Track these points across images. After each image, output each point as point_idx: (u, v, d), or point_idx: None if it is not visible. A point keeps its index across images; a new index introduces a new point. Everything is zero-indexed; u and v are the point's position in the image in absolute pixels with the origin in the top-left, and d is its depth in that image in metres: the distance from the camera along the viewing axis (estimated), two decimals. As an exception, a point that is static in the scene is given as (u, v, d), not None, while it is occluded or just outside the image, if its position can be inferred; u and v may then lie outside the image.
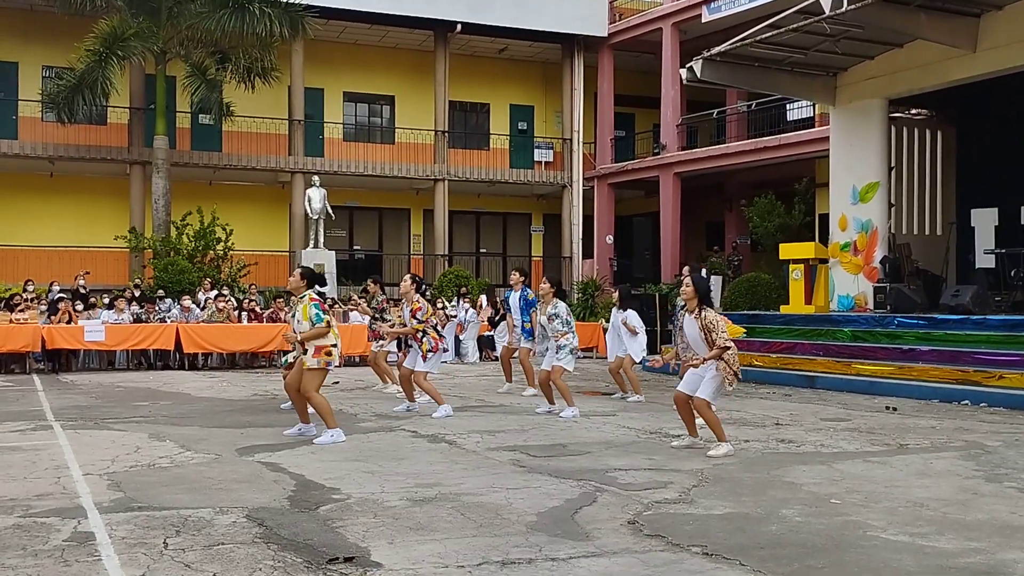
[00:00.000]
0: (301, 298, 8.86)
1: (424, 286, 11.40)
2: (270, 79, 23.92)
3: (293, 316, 9.03)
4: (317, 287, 9.00)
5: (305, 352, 8.73)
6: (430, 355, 10.64)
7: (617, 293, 13.01)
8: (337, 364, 8.96)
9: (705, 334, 7.97)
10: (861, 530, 5.36)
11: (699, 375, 8.07)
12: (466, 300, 22.03)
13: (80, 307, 18.54)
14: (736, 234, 27.66)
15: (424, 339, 10.61)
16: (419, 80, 28.29)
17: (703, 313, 8.03)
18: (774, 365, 15.67)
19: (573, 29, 27.94)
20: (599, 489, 6.46)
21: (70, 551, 4.84)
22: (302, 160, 26.25)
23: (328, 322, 8.70)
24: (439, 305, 19.76)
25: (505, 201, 30.71)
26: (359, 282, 25.08)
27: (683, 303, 8.32)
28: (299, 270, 9.20)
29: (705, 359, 7.94)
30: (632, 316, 12.56)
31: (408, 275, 11.22)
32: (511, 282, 13.62)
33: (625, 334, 12.59)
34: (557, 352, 10.85)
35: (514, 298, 13.43)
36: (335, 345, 8.77)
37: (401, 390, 12.58)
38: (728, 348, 7.88)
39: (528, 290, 13.30)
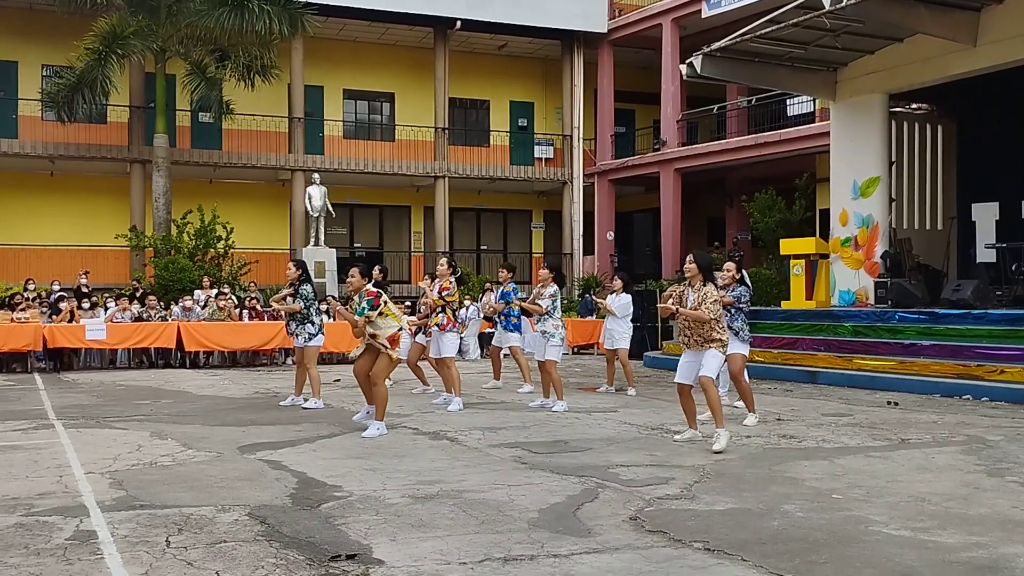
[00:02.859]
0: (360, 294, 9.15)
1: (458, 270, 11.60)
2: (270, 77, 23.90)
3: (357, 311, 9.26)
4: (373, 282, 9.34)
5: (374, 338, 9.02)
6: (442, 333, 10.78)
7: (619, 281, 13.03)
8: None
9: (698, 306, 8.07)
10: (863, 525, 5.36)
11: (695, 361, 8.16)
12: (467, 297, 22.02)
13: (87, 305, 18.53)
14: (737, 230, 27.66)
15: (440, 315, 10.81)
16: (419, 77, 28.29)
17: (705, 287, 8.14)
18: (775, 360, 15.66)
19: (573, 25, 27.93)
20: (601, 485, 6.46)
21: (72, 550, 4.84)
22: (302, 158, 26.25)
23: (376, 314, 9.01)
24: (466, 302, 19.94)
25: (505, 198, 30.71)
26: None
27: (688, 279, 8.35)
28: (356, 268, 9.42)
29: (678, 311, 8.06)
30: (628, 299, 12.82)
31: (445, 258, 11.55)
32: (500, 279, 13.64)
33: (613, 322, 12.71)
34: (547, 340, 10.94)
35: (498, 294, 13.62)
36: (401, 328, 9.24)
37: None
38: (713, 319, 7.97)
39: (513, 285, 13.47)
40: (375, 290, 9.10)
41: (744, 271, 10.98)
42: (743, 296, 10.34)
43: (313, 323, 11.44)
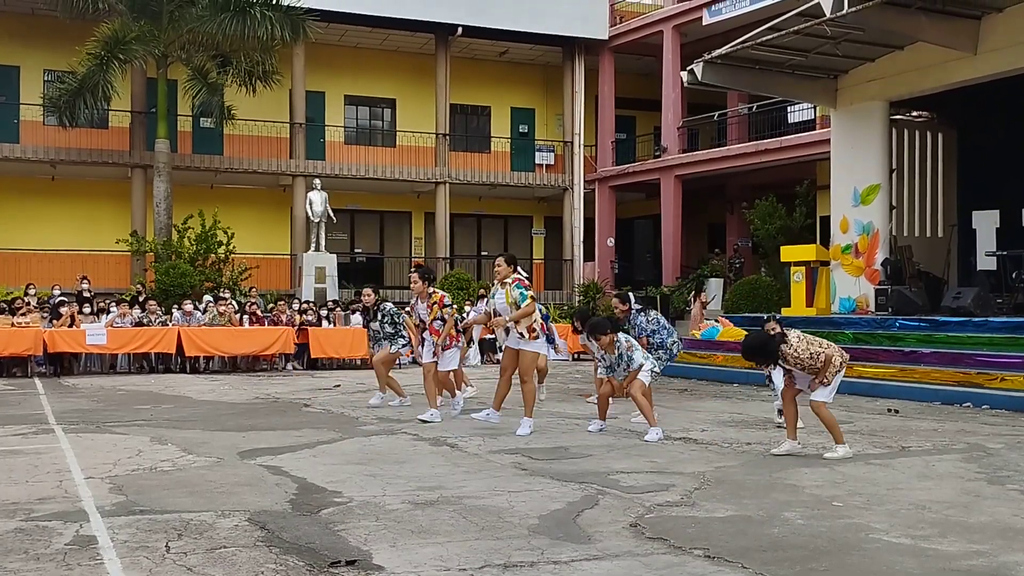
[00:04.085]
0: (504, 282, 9.55)
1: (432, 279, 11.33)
2: (271, 82, 23.94)
3: (491, 301, 9.72)
4: (520, 270, 9.77)
5: (521, 336, 9.47)
6: (447, 350, 10.60)
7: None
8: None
9: (805, 366, 7.96)
10: (863, 532, 5.35)
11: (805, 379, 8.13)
12: (467, 302, 22.01)
13: (88, 310, 18.52)
14: (737, 236, 27.67)
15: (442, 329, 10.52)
16: (420, 83, 28.33)
17: (789, 355, 7.93)
18: (776, 367, 15.63)
19: (574, 32, 27.98)
20: (601, 492, 6.45)
21: (72, 555, 4.84)
22: (303, 163, 26.28)
23: (532, 298, 9.51)
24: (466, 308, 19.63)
25: (506, 204, 30.73)
26: (360, 285, 25.14)
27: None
28: (502, 256, 9.81)
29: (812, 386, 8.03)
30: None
31: (416, 272, 10.98)
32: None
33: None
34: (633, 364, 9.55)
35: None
36: (537, 320, 9.62)
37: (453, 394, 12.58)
38: (824, 360, 7.94)
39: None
40: (524, 276, 9.65)
41: (632, 299, 11.13)
42: (646, 331, 10.40)
43: (403, 336, 11.98)
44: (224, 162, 25.81)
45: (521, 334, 9.50)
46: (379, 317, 12.11)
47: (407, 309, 11.30)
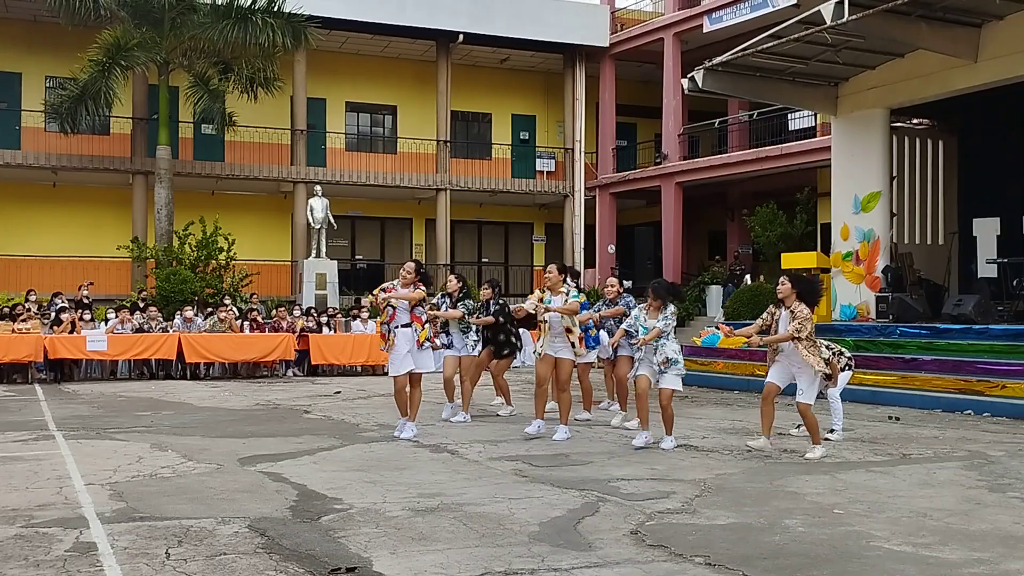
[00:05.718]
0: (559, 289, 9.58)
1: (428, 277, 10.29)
2: (273, 89, 23.96)
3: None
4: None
5: (573, 346, 9.50)
6: (421, 348, 9.67)
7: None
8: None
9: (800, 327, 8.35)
10: (864, 540, 5.35)
11: (790, 371, 8.52)
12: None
13: (88, 317, 18.52)
14: (738, 243, 27.67)
15: (427, 326, 9.76)
16: (421, 90, 28.37)
17: (796, 306, 8.40)
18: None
19: (575, 39, 28.01)
20: (601, 499, 6.45)
21: (72, 561, 4.83)
22: (304, 170, 26.29)
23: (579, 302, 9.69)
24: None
25: (507, 211, 30.73)
26: (361, 291, 25.14)
27: (780, 299, 8.66)
28: (554, 265, 9.80)
29: (776, 340, 8.46)
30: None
31: (454, 276, 11.36)
32: (483, 295, 11.77)
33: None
34: (665, 368, 8.99)
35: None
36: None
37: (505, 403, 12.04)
38: (801, 340, 8.30)
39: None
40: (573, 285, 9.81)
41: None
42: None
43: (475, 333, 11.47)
44: (225, 168, 25.83)
45: (573, 343, 9.50)
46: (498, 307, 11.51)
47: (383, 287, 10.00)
